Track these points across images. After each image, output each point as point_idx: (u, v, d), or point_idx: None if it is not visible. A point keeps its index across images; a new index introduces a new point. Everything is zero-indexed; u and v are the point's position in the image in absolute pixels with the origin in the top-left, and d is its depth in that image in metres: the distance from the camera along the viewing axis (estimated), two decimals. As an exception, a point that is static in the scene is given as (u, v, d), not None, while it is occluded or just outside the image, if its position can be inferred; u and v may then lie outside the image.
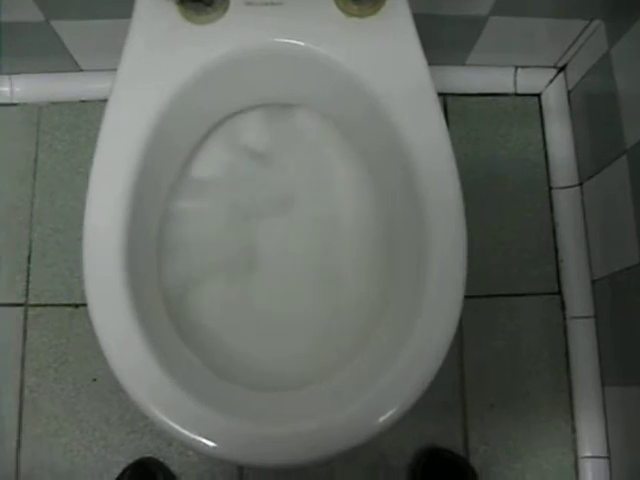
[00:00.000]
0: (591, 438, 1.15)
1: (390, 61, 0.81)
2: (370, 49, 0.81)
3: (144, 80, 0.80)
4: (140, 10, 0.83)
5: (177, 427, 0.68)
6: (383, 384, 0.70)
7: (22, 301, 1.17)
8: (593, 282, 1.19)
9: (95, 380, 1.14)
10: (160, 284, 0.84)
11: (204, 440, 0.68)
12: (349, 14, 0.82)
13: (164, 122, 0.79)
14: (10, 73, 1.24)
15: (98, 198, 0.75)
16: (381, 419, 0.69)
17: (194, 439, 0.68)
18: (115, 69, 1.16)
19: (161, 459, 1.12)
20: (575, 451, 1.16)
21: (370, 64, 0.81)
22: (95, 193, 0.75)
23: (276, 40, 0.82)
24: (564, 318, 1.20)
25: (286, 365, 0.85)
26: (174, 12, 0.82)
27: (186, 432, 0.68)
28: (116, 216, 0.74)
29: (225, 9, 0.82)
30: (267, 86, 0.90)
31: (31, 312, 1.17)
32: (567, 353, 1.19)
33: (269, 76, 0.87)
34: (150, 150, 0.77)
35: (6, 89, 1.24)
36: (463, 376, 1.17)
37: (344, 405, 0.70)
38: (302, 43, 0.81)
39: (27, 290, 1.18)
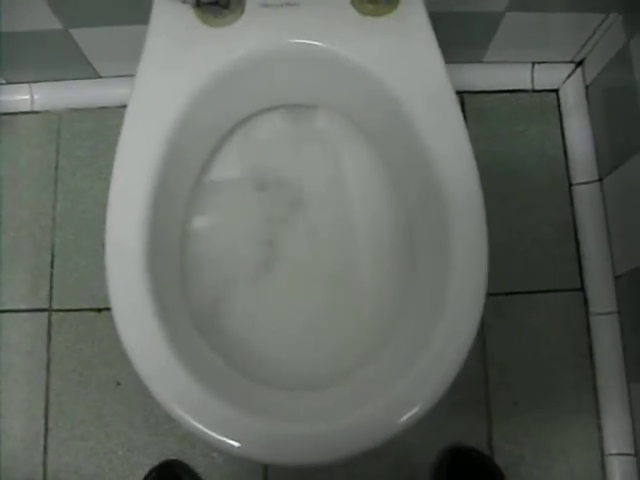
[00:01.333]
0: (617, 435, 1.14)
1: (407, 61, 0.81)
2: (387, 48, 0.81)
3: (163, 83, 0.80)
4: (157, 14, 0.84)
5: (202, 427, 0.68)
6: (405, 383, 0.70)
7: (46, 306, 1.19)
8: (616, 278, 1.18)
9: (119, 384, 1.15)
10: (183, 288, 0.85)
11: (228, 440, 0.68)
12: (365, 13, 0.82)
13: (184, 124, 0.79)
14: (30, 81, 1.25)
15: (120, 202, 0.76)
16: (403, 419, 0.69)
17: (219, 439, 0.68)
18: (133, 75, 1.17)
19: (186, 461, 1.13)
20: (602, 448, 1.15)
21: (387, 64, 0.81)
22: (117, 197, 0.76)
23: (293, 41, 0.82)
24: (587, 314, 1.19)
25: (308, 365, 0.86)
26: (191, 15, 0.83)
27: (211, 432, 0.68)
28: (137, 222, 0.75)
29: (242, 11, 0.82)
30: (285, 87, 0.90)
31: (55, 317, 1.18)
32: (591, 350, 1.18)
33: (287, 77, 0.87)
34: (171, 152, 0.78)
35: (26, 97, 1.26)
36: (486, 374, 1.17)
37: (366, 404, 0.70)
38: (319, 43, 0.81)
39: (50, 295, 1.19)
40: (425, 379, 0.70)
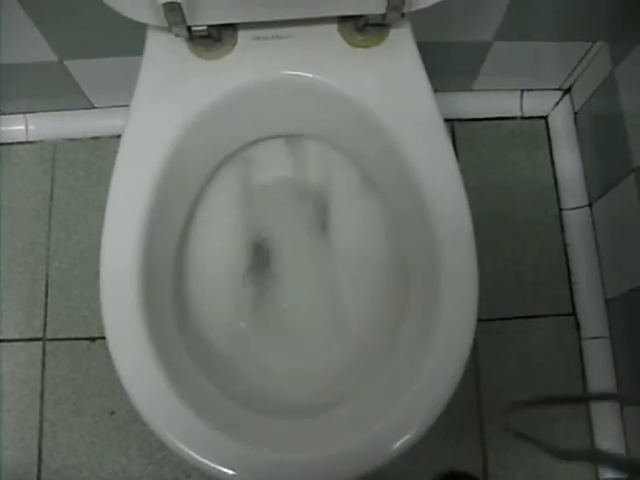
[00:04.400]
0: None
1: (397, 91, 0.82)
2: (376, 80, 0.82)
3: (157, 115, 0.81)
4: (151, 47, 0.85)
5: (196, 456, 0.68)
6: (397, 410, 0.71)
7: (40, 335, 1.19)
8: (607, 302, 1.19)
9: (113, 413, 1.15)
10: (177, 316, 0.85)
11: (223, 468, 0.68)
12: (354, 45, 0.84)
13: (177, 156, 0.80)
14: (25, 112, 1.27)
15: (114, 232, 0.77)
16: (396, 445, 0.69)
17: (213, 467, 0.68)
18: (127, 105, 1.19)
19: (181, 491, 1.12)
20: (596, 472, 1.15)
21: (377, 95, 0.82)
22: (111, 228, 0.77)
23: (284, 73, 0.83)
24: (579, 339, 1.20)
25: (301, 393, 0.86)
26: (184, 48, 0.84)
27: (205, 461, 0.68)
28: (132, 250, 0.76)
29: (234, 44, 0.84)
30: (277, 118, 0.91)
31: (49, 346, 1.19)
32: (583, 374, 1.19)
33: (279, 108, 0.89)
34: (163, 185, 0.79)
35: (21, 127, 1.27)
36: (480, 399, 1.17)
37: (359, 432, 0.70)
38: (310, 75, 0.83)
39: (45, 324, 1.19)
40: (417, 405, 0.71)
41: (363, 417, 0.74)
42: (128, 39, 1.02)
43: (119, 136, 1.20)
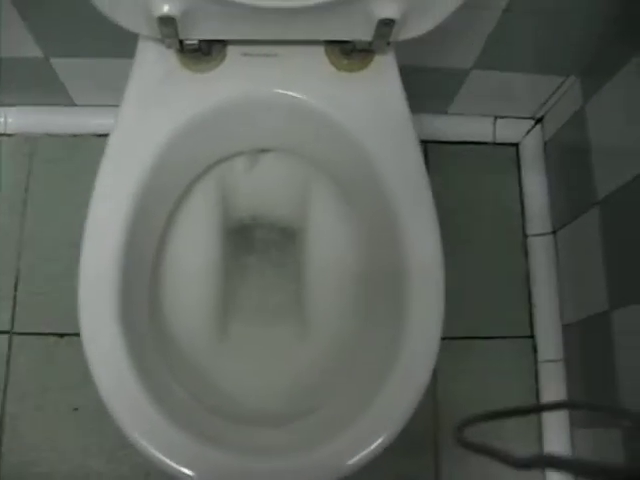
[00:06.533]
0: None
1: (377, 116, 0.85)
2: (358, 104, 0.85)
3: (143, 123, 0.83)
4: (141, 55, 0.86)
5: (158, 454, 0.70)
6: (357, 427, 0.74)
7: (7, 329, 1.19)
8: (564, 327, 1.23)
9: (76, 409, 1.16)
10: (152, 321, 0.87)
11: (183, 469, 0.70)
12: (339, 68, 0.87)
13: (160, 164, 0.82)
14: (4, 105, 1.26)
15: (94, 238, 0.79)
16: (354, 460, 0.72)
17: (174, 467, 0.70)
18: (108, 105, 1.20)
19: (139, 489, 1.13)
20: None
21: (358, 118, 0.85)
22: (92, 232, 0.79)
23: (269, 90, 0.86)
24: (535, 361, 1.24)
25: (265, 402, 0.88)
26: (173, 59, 0.86)
27: (166, 460, 0.70)
28: (111, 256, 0.78)
29: (222, 59, 0.86)
30: (259, 132, 0.93)
31: (16, 340, 1.19)
32: (538, 395, 1.23)
33: (260, 124, 0.91)
34: (145, 193, 0.81)
35: (0, 120, 1.27)
36: (436, 414, 1.20)
37: (317, 445, 0.73)
38: (294, 94, 0.85)
39: (13, 318, 1.19)
40: (381, 418, 0.74)
41: (324, 431, 0.76)
42: (116, 42, 1.02)
43: (98, 135, 1.22)
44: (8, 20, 1.00)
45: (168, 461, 0.70)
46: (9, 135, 1.28)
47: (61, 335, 1.18)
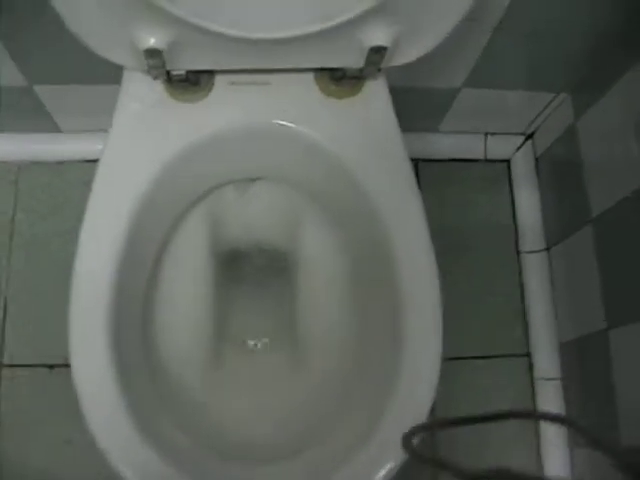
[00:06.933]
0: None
1: (369, 143, 0.84)
2: (350, 131, 0.84)
3: (130, 158, 0.82)
4: (127, 85, 0.85)
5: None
6: (365, 453, 0.72)
7: (-4, 361, 1.17)
8: (561, 345, 1.22)
9: (69, 442, 1.14)
10: (144, 351, 0.85)
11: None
12: (330, 95, 0.85)
13: (150, 195, 0.81)
14: (-12, 131, 1.25)
15: (85, 268, 0.77)
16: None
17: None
18: (94, 130, 1.18)
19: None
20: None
21: (348, 143, 0.84)
22: (83, 261, 0.77)
23: (257, 120, 0.85)
24: (532, 380, 1.23)
25: (259, 436, 0.86)
26: (161, 89, 0.84)
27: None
28: (102, 286, 0.76)
29: (210, 88, 0.84)
30: (248, 162, 0.92)
31: (5, 372, 1.16)
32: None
33: (251, 153, 0.90)
34: (135, 225, 0.79)
35: (-16, 147, 1.25)
36: (434, 436, 1.19)
37: (326, 476, 0.72)
38: (284, 122, 0.84)
39: (1, 350, 1.17)
40: (384, 447, 0.72)
41: (325, 465, 0.75)
42: (101, 70, 1.00)
43: (85, 161, 1.20)
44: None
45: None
46: (-6, 163, 1.26)
47: (51, 366, 1.16)
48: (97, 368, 0.73)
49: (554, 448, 1.18)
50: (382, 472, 0.71)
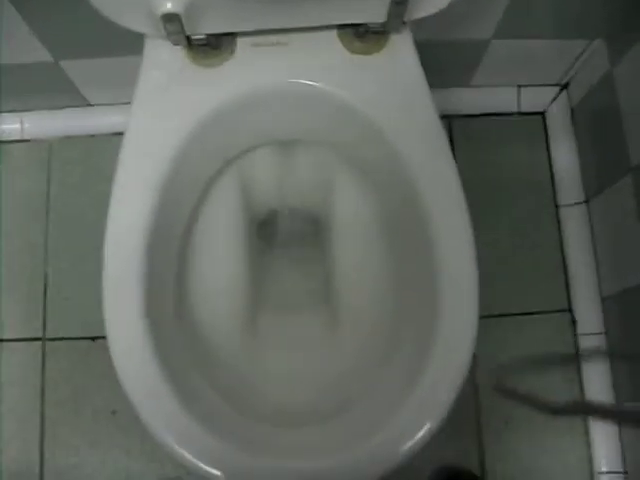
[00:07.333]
0: (607, 453, 1.16)
1: (397, 99, 0.82)
2: (377, 87, 0.82)
3: (155, 124, 0.81)
4: (149, 54, 0.84)
5: (186, 455, 0.70)
6: (403, 414, 0.71)
7: (40, 335, 1.19)
8: (603, 299, 1.20)
9: (114, 412, 1.16)
10: (179, 318, 0.86)
11: (216, 472, 0.69)
12: (353, 51, 0.84)
13: (177, 163, 0.80)
14: (20, 110, 1.26)
15: (117, 237, 0.77)
16: (404, 448, 0.70)
17: (202, 468, 0.69)
18: (123, 103, 1.18)
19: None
20: (591, 467, 1.16)
21: (377, 102, 0.82)
22: (114, 231, 0.77)
23: (283, 80, 0.83)
24: (575, 335, 1.21)
25: (303, 400, 0.86)
26: (182, 55, 0.83)
27: (195, 461, 0.69)
28: (134, 254, 0.76)
29: (232, 52, 0.83)
30: (276, 124, 0.91)
31: (49, 346, 1.19)
32: (579, 370, 1.20)
33: (278, 115, 0.88)
34: (164, 193, 0.79)
35: (17, 126, 1.26)
36: (477, 395, 1.18)
37: (365, 438, 0.71)
38: (309, 82, 0.82)
39: (44, 324, 1.20)
40: (423, 408, 0.72)
41: (367, 423, 0.75)
42: (124, 40, 1.00)
43: (115, 134, 1.21)
44: (13, 26, 0.99)
45: (200, 464, 0.69)
46: (27, 141, 1.27)
47: (93, 339, 1.18)
48: (132, 337, 0.74)
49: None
50: (420, 433, 0.71)
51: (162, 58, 0.84)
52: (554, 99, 1.29)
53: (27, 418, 1.16)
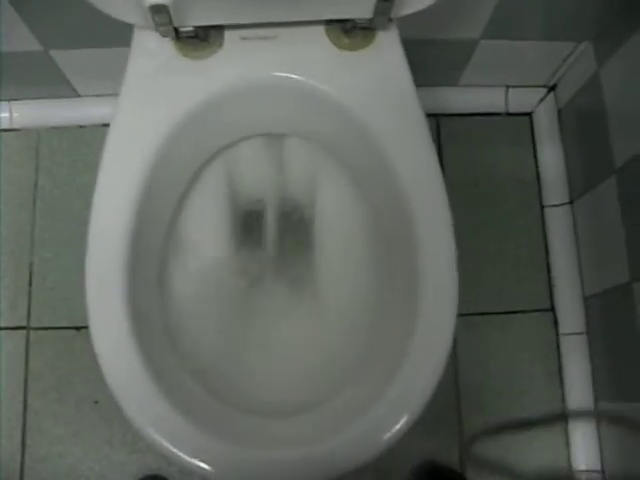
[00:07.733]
0: (585, 452, 1.17)
1: (382, 96, 0.82)
2: (362, 83, 0.83)
3: (142, 115, 0.81)
4: (137, 45, 0.85)
5: (175, 451, 0.70)
6: (384, 403, 0.72)
7: (24, 324, 1.19)
8: (585, 299, 1.21)
9: (97, 402, 1.16)
10: (161, 312, 0.86)
11: (201, 464, 0.70)
12: (341, 47, 0.84)
13: (163, 155, 0.81)
14: (9, 99, 1.26)
15: (100, 228, 0.78)
16: (385, 437, 0.71)
17: (191, 463, 0.70)
18: (112, 94, 1.18)
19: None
20: (570, 465, 1.18)
21: (361, 95, 0.82)
22: (97, 222, 0.78)
23: (270, 74, 0.84)
24: (557, 335, 1.22)
25: (284, 390, 0.87)
26: (170, 47, 0.84)
27: (184, 456, 0.70)
28: (118, 245, 0.77)
29: (220, 44, 0.84)
30: (263, 117, 0.91)
31: (33, 335, 1.19)
32: (560, 369, 1.21)
33: (264, 108, 0.89)
34: (149, 185, 0.79)
35: (6, 115, 1.26)
36: (458, 392, 1.19)
37: (345, 427, 0.72)
38: (296, 76, 0.83)
39: (29, 313, 1.20)
40: (401, 400, 0.73)
41: (348, 413, 0.75)
42: (115, 31, 1.00)
43: (104, 125, 1.21)
44: (3, 14, 0.99)
45: (185, 457, 0.70)
46: (16, 130, 1.27)
47: (77, 328, 1.18)
48: (115, 328, 0.74)
49: (579, 401, 1.18)
50: (397, 426, 0.72)
51: (150, 48, 0.84)
52: (541, 100, 1.30)
53: (10, 407, 1.16)
